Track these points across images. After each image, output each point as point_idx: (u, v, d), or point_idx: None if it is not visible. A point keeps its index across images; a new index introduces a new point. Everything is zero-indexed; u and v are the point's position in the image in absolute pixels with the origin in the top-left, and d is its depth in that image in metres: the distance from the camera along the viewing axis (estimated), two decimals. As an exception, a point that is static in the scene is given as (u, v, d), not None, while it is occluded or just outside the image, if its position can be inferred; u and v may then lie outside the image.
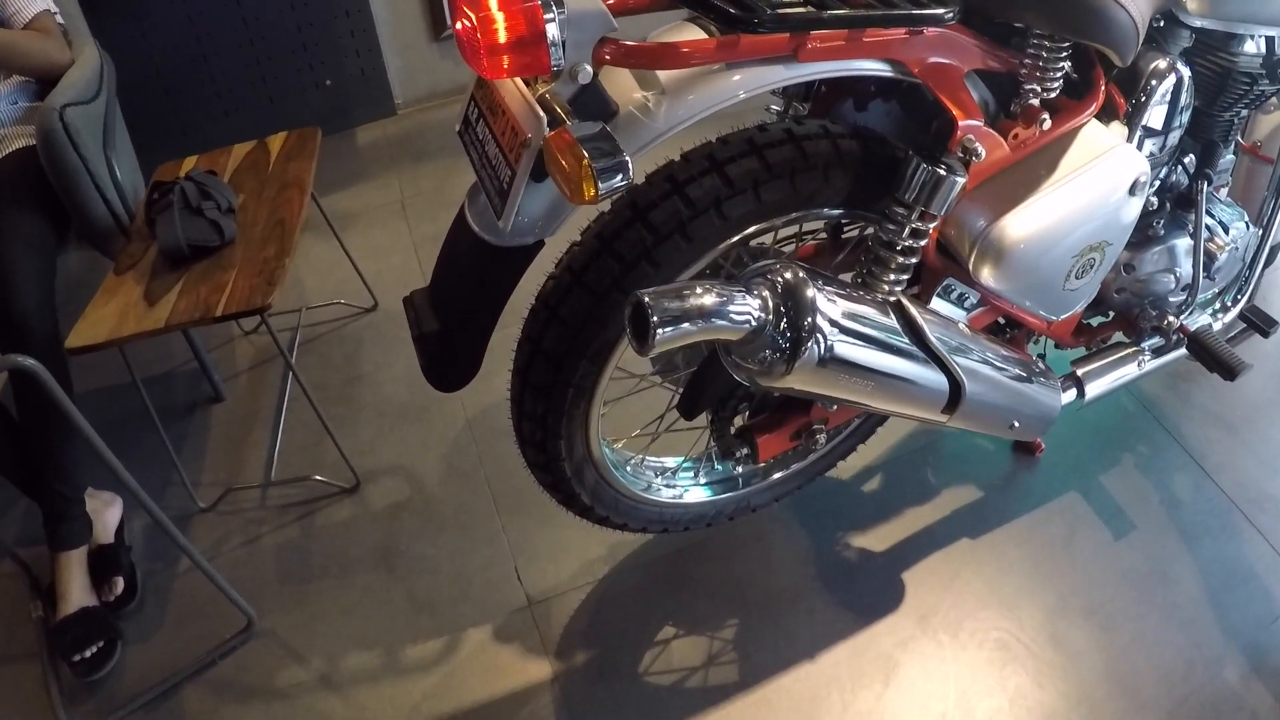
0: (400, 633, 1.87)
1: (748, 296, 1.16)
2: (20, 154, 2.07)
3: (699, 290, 1.12)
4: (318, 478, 2.15)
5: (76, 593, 1.88)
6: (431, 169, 3.13)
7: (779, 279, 1.19)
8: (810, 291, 1.17)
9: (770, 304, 1.17)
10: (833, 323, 1.20)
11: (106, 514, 2.03)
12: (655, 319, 1.07)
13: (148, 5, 2.71)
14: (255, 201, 2.08)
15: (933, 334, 1.34)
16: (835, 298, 1.22)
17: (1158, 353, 1.88)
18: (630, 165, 1.05)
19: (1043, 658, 1.78)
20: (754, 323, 1.16)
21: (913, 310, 1.33)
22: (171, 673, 1.83)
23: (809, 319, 1.17)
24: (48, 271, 1.92)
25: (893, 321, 1.31)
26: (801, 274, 1.19)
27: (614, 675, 1.78)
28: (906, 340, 1.32)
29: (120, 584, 1.94)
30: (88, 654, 1.82)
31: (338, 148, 3.27)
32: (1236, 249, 1.82)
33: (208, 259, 1.93)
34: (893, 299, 1.35)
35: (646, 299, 1.07)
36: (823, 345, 1.19)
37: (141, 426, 2.22)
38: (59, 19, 2.18)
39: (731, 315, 1.14)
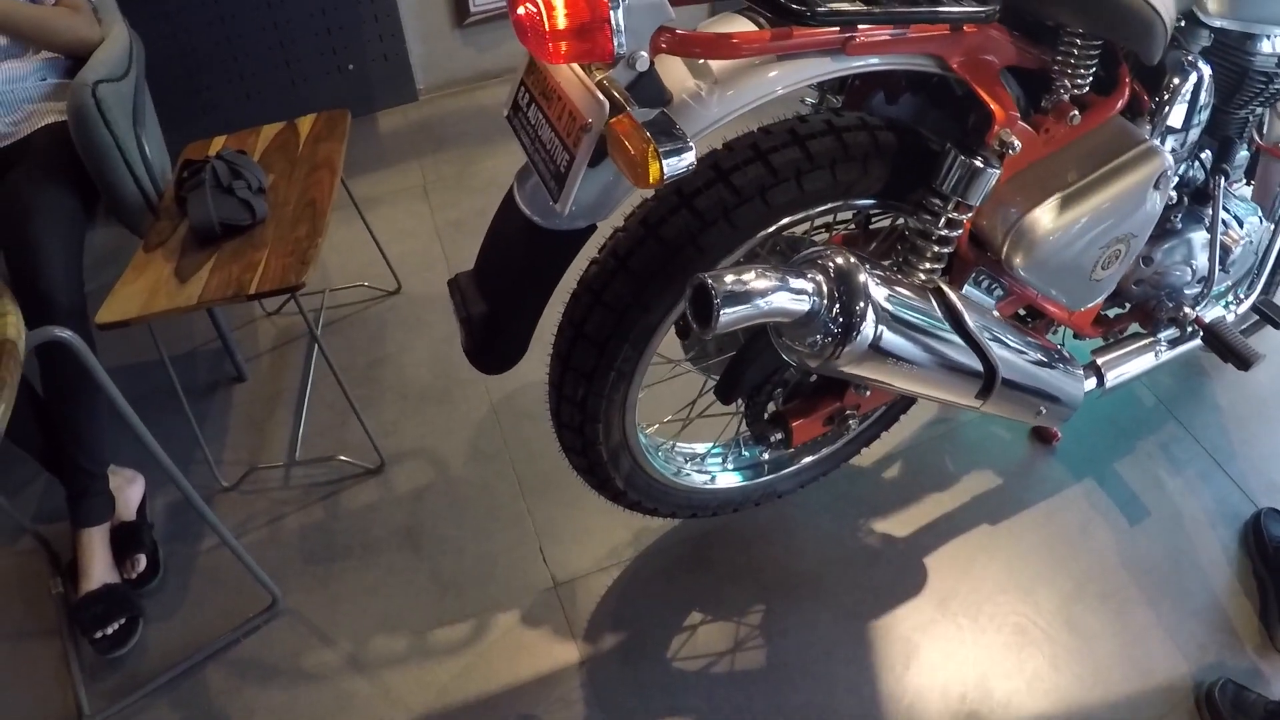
0: (425, 613, 1.89)
1: (803, 280, 1.19)
2: (49, 129, 2.08)
3: (759, 273, 1.15)
4: (342, 458, 2.17)
5: (99, 569, 1.89)
6: (453, 155, 3.15)
7: (831, 263, 1.22)
8: (862, 276, 1.21)
9: (824, 288, 1.21)
10: (881, 308, 1.23)
11: (129, 491, 2.04)
12: (718, 300, 1.10)
13: (173, -16, 2.74)
14: (286, 182, 2.09)
15: (971, 321, 1.37)
16: (883, 283, 1.26)
17: (1173, 343, 1.92)
18: (694, 149, 1.08)
19: (1059, 641, 1.82)
20: (810, 306, 1.19)
21: (953, 297, 1.37)
22: (194, 650, 1.85)
23: (861, 303, 1.21)
24: (76, 247, 1.92)
25: (934, 308, 1.35)
26: (853, 259, 1.22)
27: (639, 657, 1.81)
28: (947, 326, 1.35)
29: (143, 561, 1.95)
30: (109, 631, 1.83)
31: (359, 132, 3.27)
32: (1251, 243, 1.86)
33: (239, 238, 1.94)
34: (933, 285, 1.39)
35: (710, 281, 1.11)
36: (874, 329, 1.23)
37: (163, 405, 2.23)
38: (89, -5, 2.18)
39: (790, 298, 1.17)
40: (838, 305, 1.21)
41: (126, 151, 1.99)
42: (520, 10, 1.09)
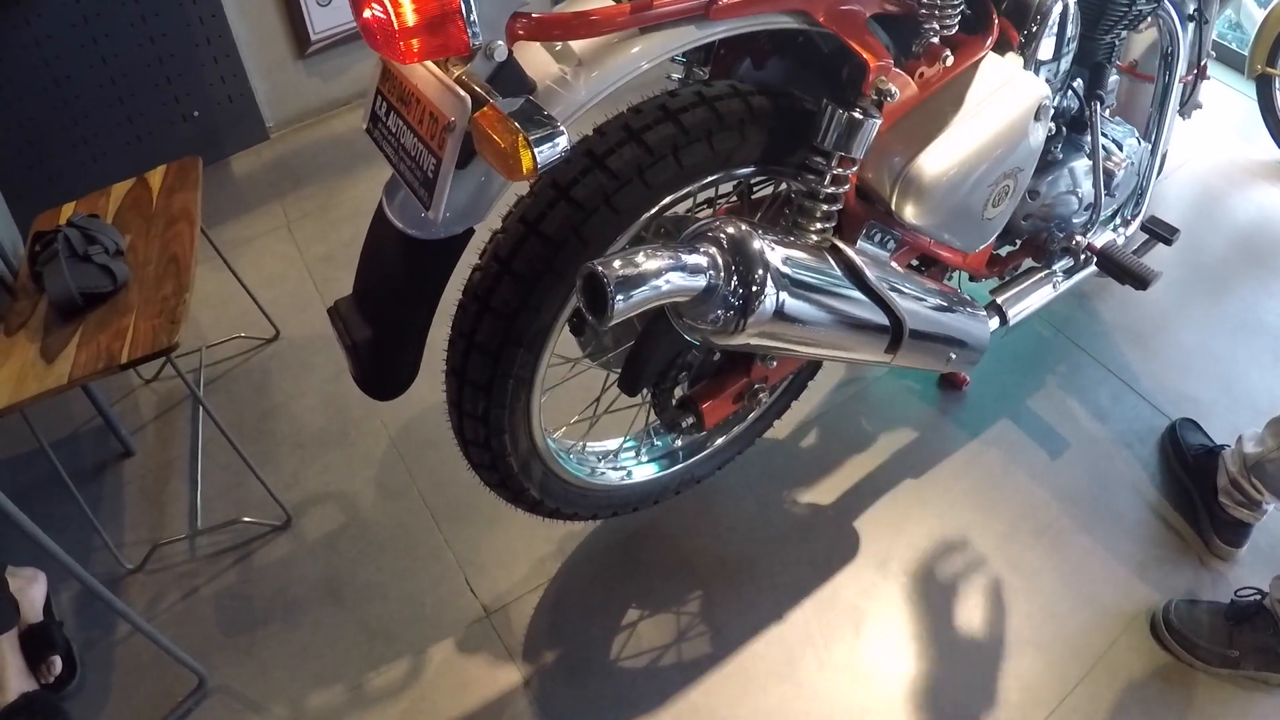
0: (359, 665, 1.81)
1: (697, 255, 1.15)
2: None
3: (649, 254, 1.11)
4: (246, 519, 2.06)
5: (14, 679, 1.77)
6: (313, 190, 3.04)
7: (722, 234, 1.18)
8: (757, 243, 1.18)
9: (720, 260, 1.17)
10: (780, 274, 1.20)
11: (31, 591, 1.91)
12: (612, 288, 1.05)
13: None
14: (144, 240, 1.98)
15: (871, 275, 1.36)
16: (778, 247, 1.22)
17: (1069, 273, 1.94)
18: (566, 134, 1.03)
19: (1004, 583, 1.83)
20: (707, 281, 1.15)
21: (850, 254, 1.35)
22: (127, 746, 1.74)
23: (759, 271, 1.17)
24: None
25: (833, 267, 1.32)
26: (744, 227, 1.19)
27: (586, 671, 1.76)
28: (848, 284, 1.33)
29: (58, 663, 1.83)
30: (36, 743, 1.71)
31: (214, 179, 3.13)
32: (1132, 164, 1.89)
33: (103, 306, 1.83)
34: (828, 244, 1.36)
35: (599, 269, 1.06)
36: (775, 296, 1.19)
37: (51, 494, 2.10)
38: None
39: (685, 275, 1.13)
40: (735, 277, 1.18)
41: (-29, 234, 1.87)
42: (366, 14, 1.03)
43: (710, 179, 1.35)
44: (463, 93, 1.06)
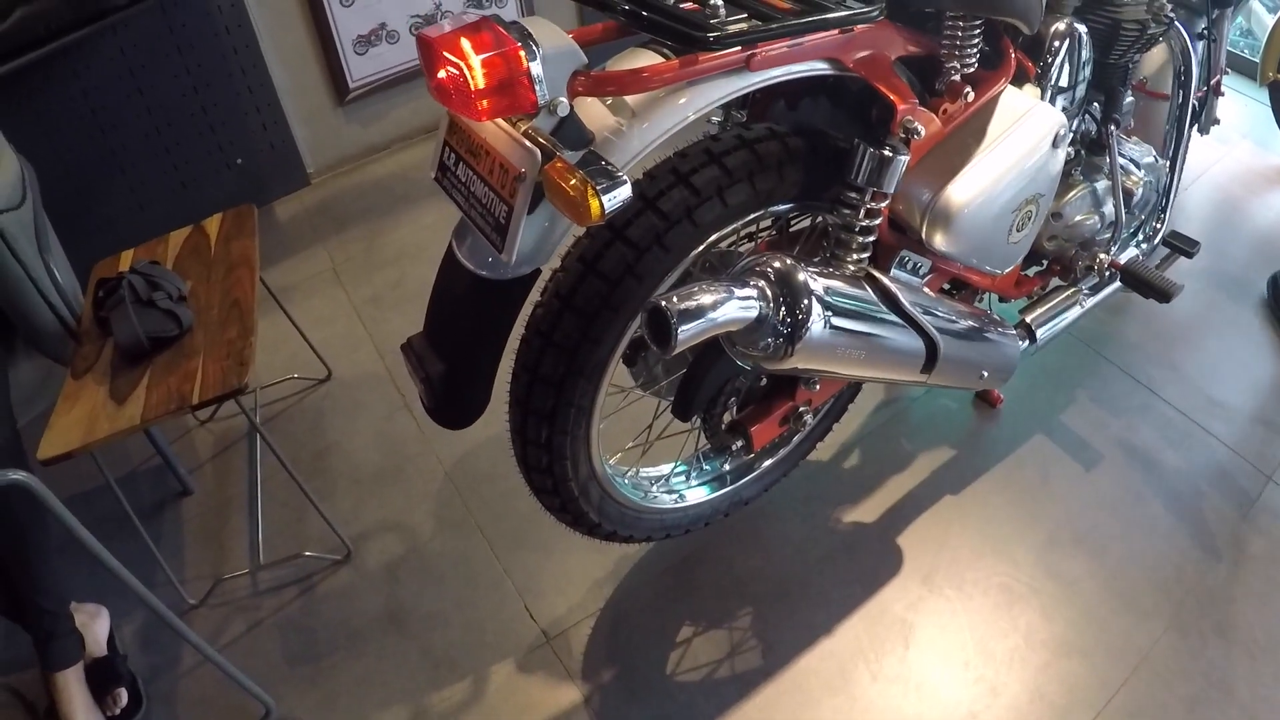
0: (423, 691, 1.86)
1: (748, 288, 1.24)
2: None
3: (706, 289, 1.20)
4: (308, 553, 2.12)
5: (81, 713, 1.81)
6: (356, 233, 3.13)
7: (770, 269, 1.27)
8: (802, 275, 1.27)
9: (769, 292, 1.26)
10: (824, 302, 1.29)
11: (95, 626, 1.96)
12: (675, 320, 1.15)
13: (49, 104, 2.68)
14: (205, 286, 2.06)
15: (906, 300, 1.44)
16: (820, 279, 1.31)
17: (1095, 290, 2.01)
18: (628, 181, 1.12)
19: (1045, 592, 1.88)
20: (759, 311, 1.24)
21: (885, 281, 1.44)
22: (197, 776, 1.79)
23: (805, 300, 1.26)
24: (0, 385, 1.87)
25: (870, 294, 1.41)
26: (789, 261, 1.27)
27: (645, 690, 1.82)
28: (885, 309, 1.42)
29: (124, 695, 1.87)
30: (105, 774, 1.75)
31: (258, 224, 3.17)
32: (1151, 182, 1.95)
33: (169, 350, 1.90)
34: (864, 273, 1.44)
35: (663, 303, 1.15)
36: (820, 323, 1.28)
37: (112, 532, 2.12)
38: (-29, 127, 2.12)
39: (739, 306, 1.22)
40: (784, 307, 1.27)
41: (38, 280, 1.94)
42: (441, 74, 1.12)
43: (752, 216, 1.43)
44: (531, 146, 1.14)
